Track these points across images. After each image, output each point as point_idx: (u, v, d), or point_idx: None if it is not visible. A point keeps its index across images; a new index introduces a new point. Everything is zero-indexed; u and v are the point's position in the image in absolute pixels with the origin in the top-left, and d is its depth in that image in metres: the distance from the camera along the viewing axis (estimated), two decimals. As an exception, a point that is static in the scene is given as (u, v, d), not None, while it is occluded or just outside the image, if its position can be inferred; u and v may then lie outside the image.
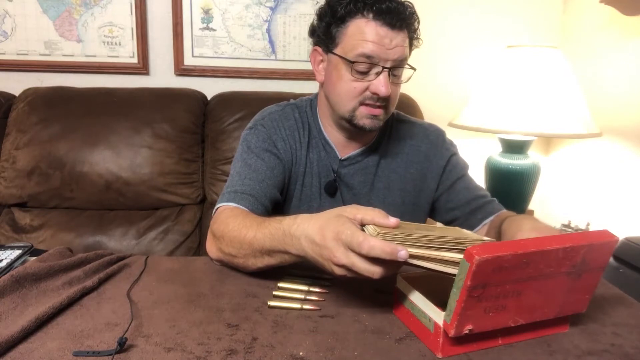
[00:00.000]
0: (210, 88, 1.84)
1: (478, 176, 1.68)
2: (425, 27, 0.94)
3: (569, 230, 1.63)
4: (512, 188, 1.72)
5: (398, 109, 1.09)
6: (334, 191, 1.02)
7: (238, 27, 1.89)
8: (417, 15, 0.93)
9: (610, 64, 1.73)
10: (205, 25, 1.88)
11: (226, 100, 1.77)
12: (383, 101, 0.92)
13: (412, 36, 0.93)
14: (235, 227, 0.80)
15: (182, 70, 1.90)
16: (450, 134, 1.85)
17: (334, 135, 1.02)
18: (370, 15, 0.88)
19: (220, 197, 0.95)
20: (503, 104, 1.59)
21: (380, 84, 0.89)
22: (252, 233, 0.76)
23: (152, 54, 1.89)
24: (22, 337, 0.59)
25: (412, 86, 1.86)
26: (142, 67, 1.88)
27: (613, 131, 1.69)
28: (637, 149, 1.61)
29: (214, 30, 1.88)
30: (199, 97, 1.79)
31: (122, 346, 0.57)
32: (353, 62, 0.89)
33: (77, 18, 1.82)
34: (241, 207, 0.90)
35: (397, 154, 1.05)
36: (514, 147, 1.74)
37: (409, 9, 0.90)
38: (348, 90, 0.92)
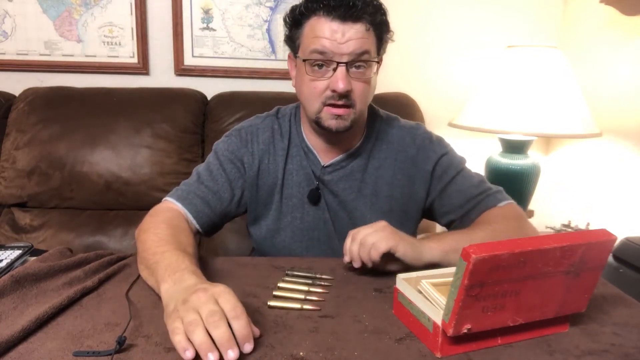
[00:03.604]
0: (210, 88, 1.84)
1: (478, 176, 1.68)
2: (425, 27, 0.94)
3: (569, 230, 1.63)
4: (512, 188, 1.71)
5: (398, 110, 1.08)
6: (317, 199, 1.01)
7: (238, 27, 1.89)
8: (377, 5, 0.89)
9: (610, 64, 1.73)
10: (205, 25, 1.88)
11: (226, 100, 1.77)
12: (345, 99, 0.90)
13: (378, 28, 0.90)
14: (162, 235, 0.81)
15: (182, 70, 1.90)
16: (450, 134, 1.86)
17: (315, 142, 1.01)
18: (321, 13, 0.87)
19: (174, 189, 0.98)
20: (503, 104, 1.59)
21: (336, 80, 0.87)
22: (164, 249, 0.76)
23: (152, 54, 1.89)
24: (22, 337, 0.59)
25: (412, 86, 1.88)
26: (142, 67, 1.88)
27: (613, 131, 1.69)
28: (637, 149, 1.61)
29: (214, 30, 1.88)
30: (198, 97, 1.80)
31: (122, 345, 0.57)
32: (306, 60, 0.89)
33: (77, 18, 1.82)
34: (187, 211, 0.94)
35: (385, 159, 1.02)
36: (514, 147, 1.74)
37: (364, 0, 0.87)
38: (309, 90, 0.91)
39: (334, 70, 0.88)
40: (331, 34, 0.86)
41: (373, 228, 0.81)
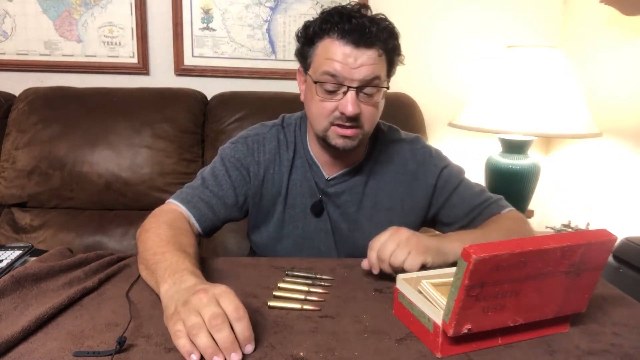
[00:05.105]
0: (210, 88, 1.84)
1: (478, 176, 1.68)
2: (425, 27, 0.93)
3: (569, 230, 1.63)
4: (512, 188, 1.72)
5: (398, 110, 1.08)
6: (319, 211, 1.02)
7: (238, 27, 1.89)
8: (390, 30, 0.89)
9: (610, 64, 1.73)
10: (205, 25, 1.88)
11: (226, 100, 1.77)
12: (353, 121, 0.90)
13: (390, 53, 0.90)
14: (163, 236, 0.81)
15: (182, 70, 1.90)
16: (450, 134, 1.87)
17: (319, 155, 1.01)
18: (335, 35, 0.87)
19: (178, 191, 0.98)
20: (503, 104, 1.59)
21: (346, 103, 0.87)
22: (165, 249, 0.76)
23: (152, 54, 1.89)
24: (22, 337, 0.59)
25: (412, 87, 1.88)
26: (142, 67, 1.88)
27: (613, 131, 1.69)
28: (637, 149, 1.61)
29: (214, 30, 1.88)
30: (198, 97, 1.79)
31: (122, 345, 0.57)
32: (317, 82, 0.89)
33: (77, 18, 1.82)
34: (190, 214, 0.94)
35: (386, 173, 1.03)
36: (514, 147, 1.74)
37: (379, 25, 0.86)
38: (318, 110, 0.91)
39: (344, 93, 0.88)
40: (344, 57, 0.86)
41: (395, 242, 0.78)
